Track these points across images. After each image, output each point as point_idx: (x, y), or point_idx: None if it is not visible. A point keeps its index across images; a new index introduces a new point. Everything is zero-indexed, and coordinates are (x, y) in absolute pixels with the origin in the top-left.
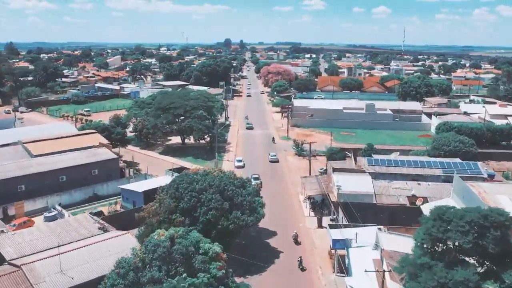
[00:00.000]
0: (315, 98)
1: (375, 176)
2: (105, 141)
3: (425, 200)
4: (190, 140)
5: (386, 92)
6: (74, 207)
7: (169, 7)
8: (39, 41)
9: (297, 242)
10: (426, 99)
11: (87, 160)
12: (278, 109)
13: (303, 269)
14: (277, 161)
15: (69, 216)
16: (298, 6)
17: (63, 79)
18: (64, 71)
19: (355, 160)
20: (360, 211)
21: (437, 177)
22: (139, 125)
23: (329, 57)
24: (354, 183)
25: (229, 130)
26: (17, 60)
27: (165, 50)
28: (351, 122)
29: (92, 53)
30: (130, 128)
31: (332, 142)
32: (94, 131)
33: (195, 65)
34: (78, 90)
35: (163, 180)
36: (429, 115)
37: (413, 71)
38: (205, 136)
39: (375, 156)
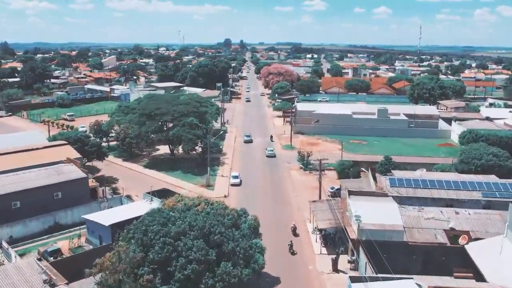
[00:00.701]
0: (319, 101)
1: (400, 201)
2: (76, 155)
3: (469, 237)
4: (180, 150)
5: (395, 94)
6: (28, 241)
7: (169, 7)
8: (39, 42)
9: (295, 234)
10: (441, 102)
11: (49, 180)
12: (280, 113)
13: (293, 253)
14: (274, 156)
15: (15, 257)
16: (299, 6)
17: (52, 80)
18: (56, 72)
19: (374, 178)
20: (386, 251)
21: (476, 202)
22: (122, 133)
23: (330, 57)
24: (377, 213)
25: (225, 138)
26: (11, 61)
27: (164, 50)
28: (362, 129)
29: (90, 54)
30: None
31: (342, 152)
32: (65, 142)
33: (191, 66)
34: (65, 92)
35: (140, 207)
36: (446, 120)
37: (419, 72)
38: (196, 147)
39: (396, 173)
